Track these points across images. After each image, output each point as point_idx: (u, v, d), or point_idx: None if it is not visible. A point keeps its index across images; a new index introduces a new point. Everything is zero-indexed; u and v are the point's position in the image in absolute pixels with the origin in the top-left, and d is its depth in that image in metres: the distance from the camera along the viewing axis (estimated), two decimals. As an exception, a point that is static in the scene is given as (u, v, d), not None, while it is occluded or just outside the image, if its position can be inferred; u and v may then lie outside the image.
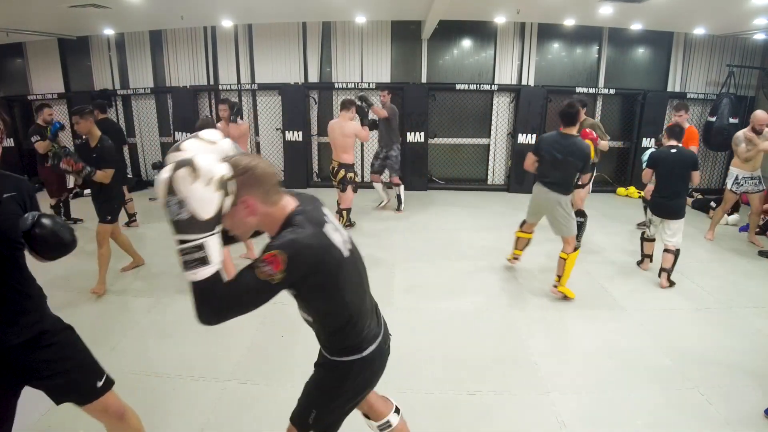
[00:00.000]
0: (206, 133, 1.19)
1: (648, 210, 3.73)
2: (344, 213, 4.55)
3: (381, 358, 1.36)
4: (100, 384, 1.43)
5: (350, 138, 4.40)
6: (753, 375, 2.38)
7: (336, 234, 1.16)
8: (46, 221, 1.28)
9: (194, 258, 0.97)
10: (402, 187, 5.45)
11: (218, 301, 1.00)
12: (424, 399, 2.19)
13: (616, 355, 2.57)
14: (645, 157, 3.87)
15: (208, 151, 1.07)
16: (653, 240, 3.69)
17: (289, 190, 1.21)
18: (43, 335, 1.34)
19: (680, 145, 3.49)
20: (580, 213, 4.13)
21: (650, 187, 3.73)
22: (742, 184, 4.32)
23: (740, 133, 4.37)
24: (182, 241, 0.97)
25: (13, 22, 5.56)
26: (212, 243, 0.99)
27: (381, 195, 5.61)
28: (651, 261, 3.77)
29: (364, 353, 1.28)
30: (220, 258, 1.01)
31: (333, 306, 1.19)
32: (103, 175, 3.09)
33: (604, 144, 4.12)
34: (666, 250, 3.45)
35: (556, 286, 3.22)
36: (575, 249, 3.21)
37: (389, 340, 1.44)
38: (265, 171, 1.08)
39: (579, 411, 2.11)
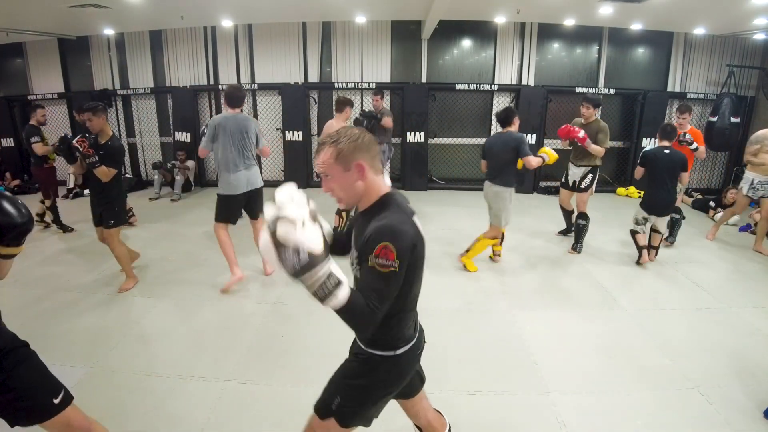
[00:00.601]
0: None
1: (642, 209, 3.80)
2: (343, 214, 4.53)
3: (410, 363, 1.35)
4: (56, 401, 1.34)
5: None
6: (753, 375, 2.38)
7: (419, 224, 1.21)
8: None
9: (331, 285, 1.03)
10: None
11: (367, 311, 1.07)
12: (424, 399, 2.19)
13: (616, 355, 2.57)
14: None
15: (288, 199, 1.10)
16: (644, 233, 3.83)
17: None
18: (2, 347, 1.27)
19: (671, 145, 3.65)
20: (582, 215, 4.16)
21: None
22: (758, 189, 4.25)
23: (761, 133, 4.24)
24: (314, 280, 1.02)
25: (13, 22, 5.56)
26: (334, 266, 1.06)
27: None
28: (648, 252, 3.85)
29: (398, 351, 1.29)
30: (344, 277, 1.07)
31: (399, 296, 1.18)
32: (105, 172, 3.07)
33: (597, 148, 3.96)
34: (655, 231, 3.86)
35: (461, 255, 3.76)
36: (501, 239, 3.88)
37: (423, 347, 1.42)
38: (372, 140, 1.18)
39: (579, 411, 2.11)
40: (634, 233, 3.85)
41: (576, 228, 4.20)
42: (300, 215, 1.03)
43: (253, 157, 3.39)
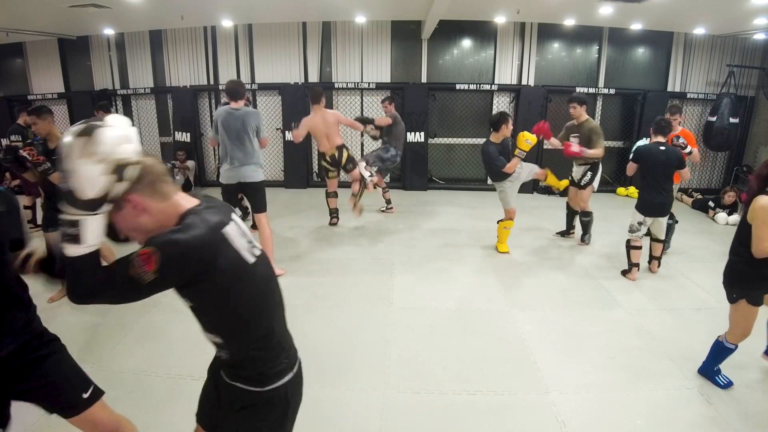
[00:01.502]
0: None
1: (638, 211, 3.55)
2: (361, 185, 4.64)
3: (290, 401, 1.16)
4: (86, 395, 1.37)
5: (335, 125, 4.40)
6: (753, 375, 2.38)
7: (240, 238, 1.04)
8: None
9: (68, 233, 0.91)
10: (380, 189, 5.26)
11: (88, 283, 0.94)
12: (424, 399, 2.19)
13: (616, 355, 2.57)
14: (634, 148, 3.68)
15: (129, 131, 0.96)
16: (641, 248, 3.53)
17: (197, 192, 1.14)
18: (27, 346, 1.30)
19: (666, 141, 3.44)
20: (585, 213, 4.23)
21: None
22: None
23: None
24: (62, 212, 0.92)
25: (13, 22, 5.56)
26: (89, 224, 0.92)
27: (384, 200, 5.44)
28: (650, 263, 3.72)
29: (265, 388, 1.10)
30: (97, 241, 0.94)
31: (232, 320, 1.06)
32: (60, 177, 3.03)
33: (593, 152, 3.98)
34: (655, 240, 3.62)
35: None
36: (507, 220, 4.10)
37: (301, 379, 1.23)
38: (147, 164, 0.98)
39: (579, 411, 2.11)
40: (629, 246, 3.55)
41: (581, 224, 4.29)
42: (106, 150, 0.89)
43: (254, 150, 3.40)
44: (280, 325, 1.17)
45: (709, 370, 2.32)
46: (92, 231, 0.93)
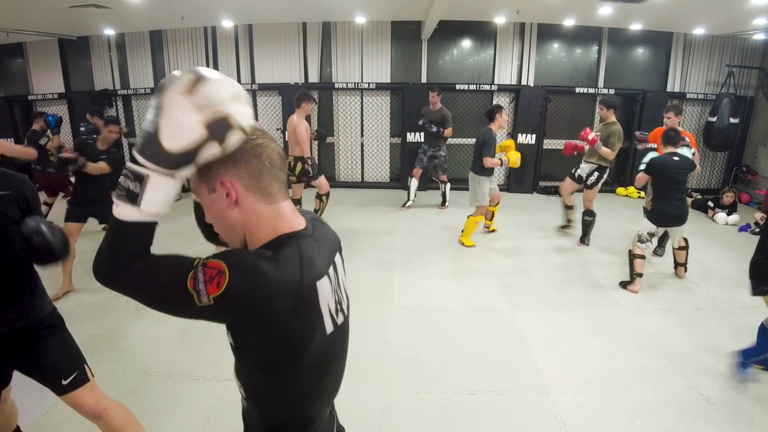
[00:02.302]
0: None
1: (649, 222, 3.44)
2: (324, 198, 4.63)
3: None
4: (65, 382, 1.46)
5: (294, 133, 4.28)
6: (752, 375, 2.38)
7: (331, 296, 0.81)
8: (38, 232, 1.33)
9: (125, 187, 0.69)
10: (449, 185, 5.62)
11: (124, 265, 0.70)
12: (424, 399, 2.19)
13: (615, 355, 2.57)
14: (646, 159, 3.56)
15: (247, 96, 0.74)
16: (645, 257, 3.42)
17: (305, 211, 0.90)
18: (27, 329, 1.42)
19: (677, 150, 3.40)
20: (588, 212, 4.27)
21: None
22: None
23: None
24: (132, 159, 0.70)
25: (14, 22, 5.56)
26: (157, 183, 0.68)
27: (411, 192, 5.66)
28: (677, 269, 3.63)
29: None
30: (158, 210, 0.70)
31: (281, 388, 0.81)
32: (96, 167, 3.11)
33: (606, 151, 4.08)
34: (680, 248, 3.54)
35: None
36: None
37: None
38: (264, 146, 0.76)
39: (579, 411, 2.11)
40: (633, 256, 3.36)
41: (582, 223, 4.32)
42: (214, 95, 0.68)
43: None
44: (324, 413, 0.91)
45: (753, 354, 2.30)
46: (157, 194, 0.69)
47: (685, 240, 3.52)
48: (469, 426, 2.03)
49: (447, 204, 5.64)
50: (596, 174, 4.22)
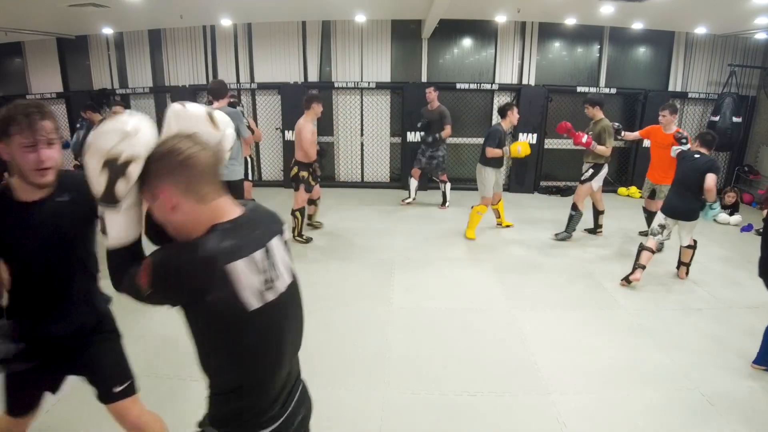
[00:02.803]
0: (189, 105, 1.05)
1: (660, 215, 3.51)
2: (317, 202, 4.56)
3: None
4: (117, 390, 1.47)
5: (298, 136, 4.09)
6: (753, 375, 2.37)
7: (251, 276, 0.89)
8: None
9: (102, 225, 0.94)
10: (449, 184, 5.61)
11: (114, 278, 0.95)
12: (424, 399, 2.18)
13: (616, 355, 2.56)
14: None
15: (133, 126, 0.89)
16: (653, 252, 3.43)
17: (247, 201, 1.05)
18: (89, 327, 1.45)
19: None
20: (574, 207, 4.36)
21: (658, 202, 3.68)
22: None
23: None
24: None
25: (12, 22, 5.55)
26: (111, 219, 0.92)
27: (411, 192, 5.71)
28: (678, 269, 3.63)
29: None
30: (119, 237, 0.93)
31: (217, 358, 0.95)
32: None
33: (601, 149, 4.16)
34: (687, 247, 3.54)
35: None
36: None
37: None
38: (193, 156, 0.87)
39: (579, 411, 2.10)
40: (642, 247, 3.41)
41: (568, 217, 4.40)
42: (99, 145, 0.87)
43: (235, 152, 3.41)
44: (280, 375, 1.00)
45: (761, 358, 2.38)
46: (113, 227, 0.92)
47: (695, 241, 3.53)
48: (469, 427, 2.01)
49: (447, 204, 5.62)
50: (591, 171, 4.31)
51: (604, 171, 4.32)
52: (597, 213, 4.63)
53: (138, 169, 0.88)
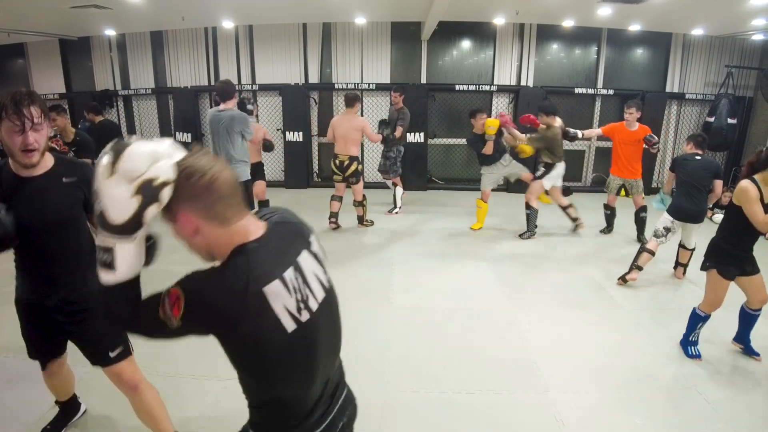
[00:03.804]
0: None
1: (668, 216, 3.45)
2: (364, 204, 4.70)
3: None
4: (112, 354, 1.59)
5: (359, 132, 4.44)
6: (753, 375, 2.39)
7: (288, 296, 0.86)
8: None
9: (102, 259, 0.82)
10: (400, 188, 5.39)
11: (120, 316, 0.87)
12: (423, 398, 2.20)
13: (615, 355, 2.58)
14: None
15: (162, 148, 0.83)
16: (653, 254, 3.43)
17: (272, 212, 0.98)
18: (82, 301, 1.56)
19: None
20: (527, 205, 4.49)
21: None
22: None
23: None
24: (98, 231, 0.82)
25: (15, 23, 5.58)
26: (123, 251, 0.81)
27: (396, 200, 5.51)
28: (676, 269, 3.64)
29: None
30: (131, 270, 0.84)
31: (251, 378, 0.94)
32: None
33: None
34: (683, 247, 3.57)
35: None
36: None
37: None
38: (215, 180, 0.82)
39: (578, 410, 2.12)
40: (643, 249, 3.43)
41: (526, 217, 4.53)
42: (131, 168, 0.78)
43: (237, 152, 3.45)
44: (315, 387, 0.97)
45: (685, 339, 2.58)
46: (126, 259, 0.82)
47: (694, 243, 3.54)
48: (468, 425, 2.04)
49: (397, 210, 5.33)
50: (542, 170, 4.49)
51: (557, 171, 4.47)
52: (562, 209, 4.69)
53: (170, 192, 0.81)
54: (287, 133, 6.60)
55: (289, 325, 0.86)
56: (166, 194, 0.81)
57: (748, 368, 2.45)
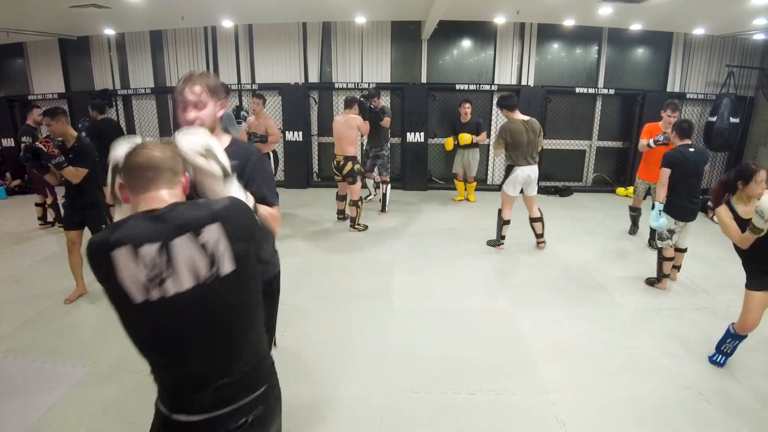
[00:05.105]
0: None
1: (666, 216, 3.29)
2: (359, 203, 4.69)
3: None
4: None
5: (354, 130, 4.53)
6: (753, 375, 2.39)
7: (134, 267, 0.90)
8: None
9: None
10: (389, 186, 5.35)
11: None
12: (423, 398, 2.20)
13: (615, 355, 2.57)
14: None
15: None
16: (672, 258, 3.38)
17: (216, 200, 1.07)
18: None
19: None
20: (498, 212, 4.26)
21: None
22: None
23: None
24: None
25: (14, 22, 5.57)
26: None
27: (369, 189, 5.78)
28: (668, 280, 3.50)
29: (163, 412, 1.02)
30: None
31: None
32: (73, 172, 2.95)
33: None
34: (678, 250, 3.46)
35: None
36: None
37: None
38: (136, 157, 1.00)
39: (578, 410, 2.12)
40: (662, 257, 3.35)
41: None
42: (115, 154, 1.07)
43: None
44: (185, 374, 0.99)
45: (717, 346, 2.49)
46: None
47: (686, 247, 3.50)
48: (468, 426, 2.03)
49: (387, 210, 5.31)
50: (505, 173, 4.17)
51: (515, 174, 4.00)
52: (530, 220, 4.21)
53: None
54: (287, 132, 6.60)
55: (136, 297, 0.91)
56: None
57: (750, 369, 2.44)
